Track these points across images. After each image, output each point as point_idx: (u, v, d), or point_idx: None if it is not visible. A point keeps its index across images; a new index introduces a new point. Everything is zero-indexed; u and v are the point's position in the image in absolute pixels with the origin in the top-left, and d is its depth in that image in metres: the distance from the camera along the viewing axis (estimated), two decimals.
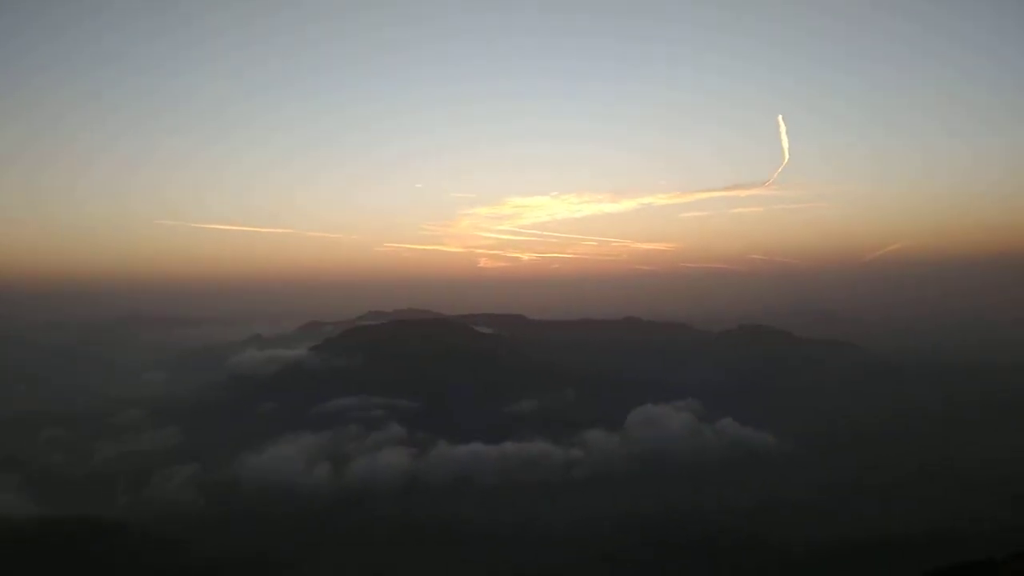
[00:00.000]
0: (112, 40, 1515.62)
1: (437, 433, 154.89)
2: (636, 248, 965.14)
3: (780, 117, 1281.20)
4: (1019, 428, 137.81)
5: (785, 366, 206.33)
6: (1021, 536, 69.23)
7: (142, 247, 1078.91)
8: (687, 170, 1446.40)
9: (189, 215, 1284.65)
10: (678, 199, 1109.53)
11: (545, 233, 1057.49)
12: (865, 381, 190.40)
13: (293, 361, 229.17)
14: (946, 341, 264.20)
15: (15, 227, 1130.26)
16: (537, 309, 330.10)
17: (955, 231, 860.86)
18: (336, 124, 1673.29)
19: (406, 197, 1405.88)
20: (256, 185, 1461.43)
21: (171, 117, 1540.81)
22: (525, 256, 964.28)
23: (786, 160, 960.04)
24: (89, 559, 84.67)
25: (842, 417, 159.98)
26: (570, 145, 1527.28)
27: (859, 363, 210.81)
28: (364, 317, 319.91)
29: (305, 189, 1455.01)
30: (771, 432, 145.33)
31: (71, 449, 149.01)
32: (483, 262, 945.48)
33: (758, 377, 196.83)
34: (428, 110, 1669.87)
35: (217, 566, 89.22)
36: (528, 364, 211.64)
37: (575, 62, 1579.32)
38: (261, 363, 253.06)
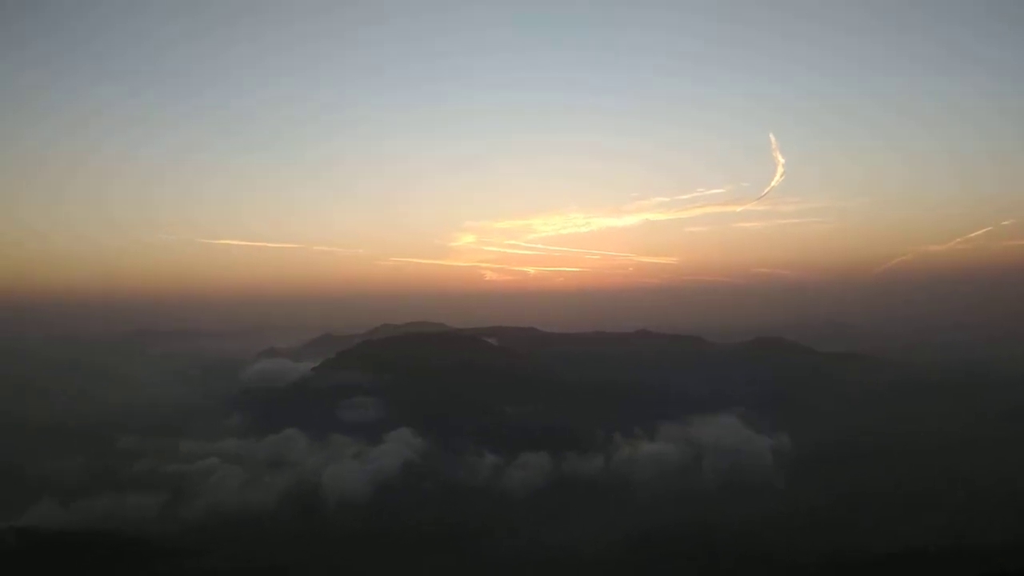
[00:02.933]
0: (126, 56, 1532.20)
1: (455, 445, 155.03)
2: (640, 262, 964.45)
3: (771, 134, 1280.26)
4: None
5: (804, 379, 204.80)
6: None
7: (152, 262, 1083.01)
8: (689, 185, 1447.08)
9: (199, 231, 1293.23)
10: (680, 214, 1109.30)
11: (550, 247, 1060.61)
12: (885, 393, 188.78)
13: (307, 374, 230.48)
14: (963, 352, 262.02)
15: (25, 241, 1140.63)
16: (548, 322, 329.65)
17: (962, 241, 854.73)
18: (340, 140, 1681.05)
19: (411, 212, 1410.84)
20: (264, 201, 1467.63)
21: (183, 134, 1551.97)
22: (531, 270, 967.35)
23: (780, 175, 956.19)
24: (107, 573, 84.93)
25: (864, 429, 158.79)
26: (573, 160, 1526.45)
27: (878, 376, 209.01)
28: (376, 330, 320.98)
29: (312, 204, 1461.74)
30: (797, 443, 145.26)
31: (83, 463, 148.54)
32: (489, 276, 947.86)
33: (778, 389, 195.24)
34: (432, 126, 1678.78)
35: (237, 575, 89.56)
36: (545, 377, 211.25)
37: (581, 79, 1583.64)
38: (275, 376, 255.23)
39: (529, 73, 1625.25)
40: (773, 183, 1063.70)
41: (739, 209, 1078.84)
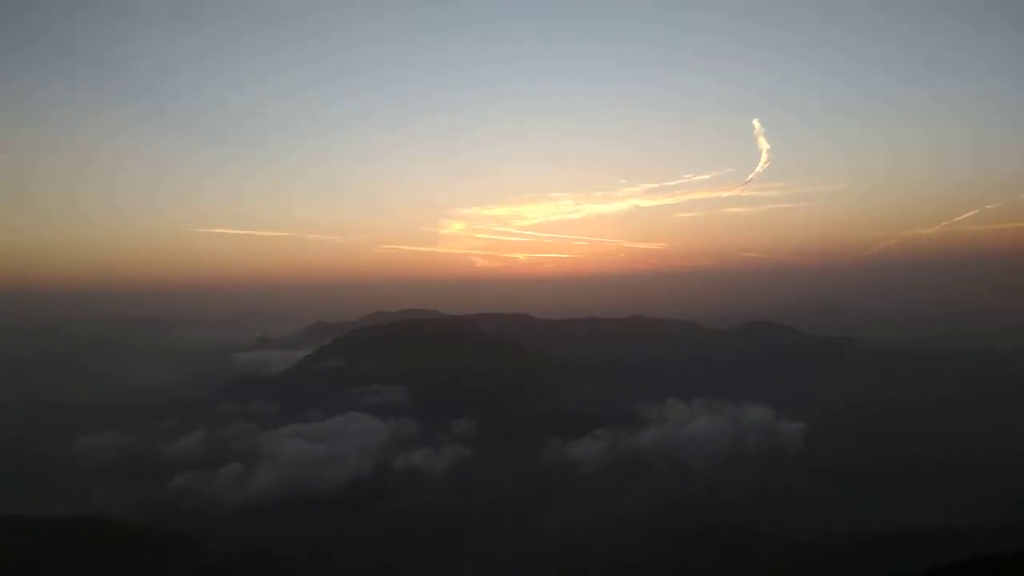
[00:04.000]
0: (124, 51, 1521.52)
1: (451, 432, 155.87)
2: (630, 248, 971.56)
3: (756, 120, 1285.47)
4: None
5: (798, 362, 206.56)
6: None
7: (145, 252, 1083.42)
8: (676, 171, 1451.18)
9: (191, 220, 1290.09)
10: (668, 199, 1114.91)
11: (540, 234, 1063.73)
12: (878, 375, 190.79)
13: (301, 361, 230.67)
14: (953, 332, 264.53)
15: (21, 231, 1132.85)
16: (540, 308, 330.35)
17: (948, 225, 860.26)
18: (332, 131, 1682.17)
19: (401, 199, 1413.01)
20: (257, 190, 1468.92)
21: (174, 125, 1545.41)
22: (521, 256, 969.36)
23: (764, 161, 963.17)
24: (104, 560, 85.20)
25: (859, 409, 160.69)
26: (562, 147, 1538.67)
27: (870, 357, 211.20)
28: (369, 318, 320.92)
29: (303, 193, 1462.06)
30: (793, 425, 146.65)
31: (80, 451, 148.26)
32: (480, 263, 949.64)
33: (773, 373, 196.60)
34: (420, 114, 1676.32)
35: (232, 563, 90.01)
36: (540, 362, 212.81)
37: (568, 66, 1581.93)
38: (270, 364, 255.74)
39: (517, 62, 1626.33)
40: (758, 168, 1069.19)
41: (726, 194, 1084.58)
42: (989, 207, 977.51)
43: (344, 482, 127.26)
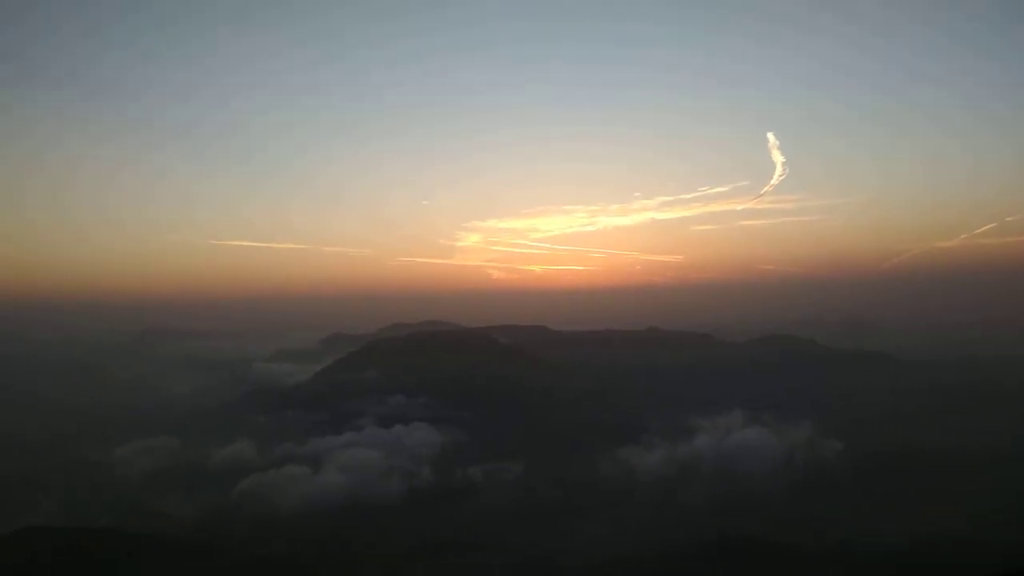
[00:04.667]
0: (139, 60, 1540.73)
1: (474, 445, 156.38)
2: (647, 260, 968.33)
3: (770, 133, 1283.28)
4: None
5: (818, 376, 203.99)
6: None
7: (164, 263, 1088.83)
8: (691, 184, 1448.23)
9: (210, 232, 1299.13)
10: (685, 212, 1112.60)
11: (555, 246, 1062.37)
12: (901, 390, 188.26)
13: (319, 373, 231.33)
14: (975, 348, 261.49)
15: (37, 243, 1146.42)
16: (557, 320, 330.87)
17: (968, 238, 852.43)
18: (348, 143, 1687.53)
19: (417, 212, 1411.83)
20: (273, 202, 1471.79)
21: (194, 137, 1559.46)
22: (537, 269, 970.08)
23: (779, 173, 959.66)
24: (119, 571, 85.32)
25: (882, 426, 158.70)
26: (577, 161, 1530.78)
27: (893, 371, 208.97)
28: (387, 329, 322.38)
29: (320, 206, 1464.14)
30: (818, 440, 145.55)
31: (97, 462, 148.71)
32: (496, 275, 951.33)
33: (794, 387, 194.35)
34: (437, 129, 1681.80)
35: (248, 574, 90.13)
36: (559, 374, 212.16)
37: (582, 81, 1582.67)
38: (288, 375, 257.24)
39: (532, 79, 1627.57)
40: (773, 180, 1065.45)
41: (742, 207, 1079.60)
42: (1009, 219, 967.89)
43: (346, 495, 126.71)
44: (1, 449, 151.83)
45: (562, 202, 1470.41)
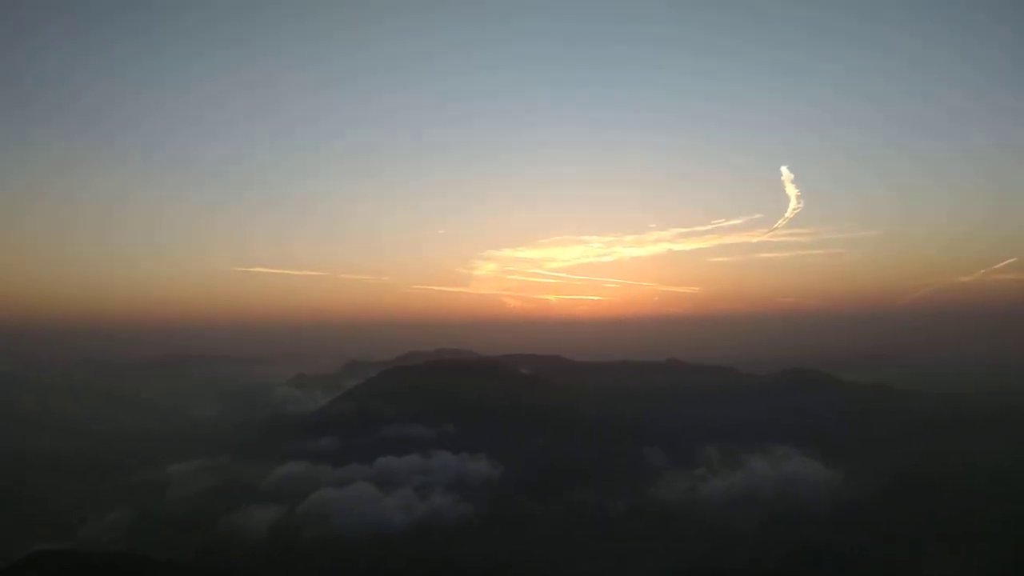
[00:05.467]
0: (176, 100, 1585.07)
1: (496, 471, 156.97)
2: (663, 292, 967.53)
3: (784, 167, 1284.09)
4: None
5: (840, 411, 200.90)
6: None
7: (187, 290, 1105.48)
8: (706, 216, 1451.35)
9: (229, 260, 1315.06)
10: (700, 243, 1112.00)
11: (571, 276, 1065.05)
12: (923, 426, 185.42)
13: (338, 399, 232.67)
14: (998, 382, 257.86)
15: (67, 268, 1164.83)
16: (573, 350, 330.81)
17: (987, 272, 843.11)
18: (365, 174, 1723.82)
19: (434, 241, 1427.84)
20: (293, 231, 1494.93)
21: (219, 171, 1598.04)
22: (553, 298, 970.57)
23: (794, 206, 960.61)
24: None
25: (906, 461, 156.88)
26: (592, 192, 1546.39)
27: (914, 408, 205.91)
28: (404, 357, 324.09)
29: (338, 234, 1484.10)
30: (840, 476, 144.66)
31: (125, 489, 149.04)
32: (511, 304, 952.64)
33: (816, 422, 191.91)
34: (453, 159, 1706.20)
35: None
36: (577, 405, 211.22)
37: (597, 112, 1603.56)
38: (307, 401, 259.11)
39: (547, 111, 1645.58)
40: (788, 214, 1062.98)
41: (757, 239, 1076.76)
42: None
43: (367, 522, 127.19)
44: (59, 472, 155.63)
45: (577, 233, 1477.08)
